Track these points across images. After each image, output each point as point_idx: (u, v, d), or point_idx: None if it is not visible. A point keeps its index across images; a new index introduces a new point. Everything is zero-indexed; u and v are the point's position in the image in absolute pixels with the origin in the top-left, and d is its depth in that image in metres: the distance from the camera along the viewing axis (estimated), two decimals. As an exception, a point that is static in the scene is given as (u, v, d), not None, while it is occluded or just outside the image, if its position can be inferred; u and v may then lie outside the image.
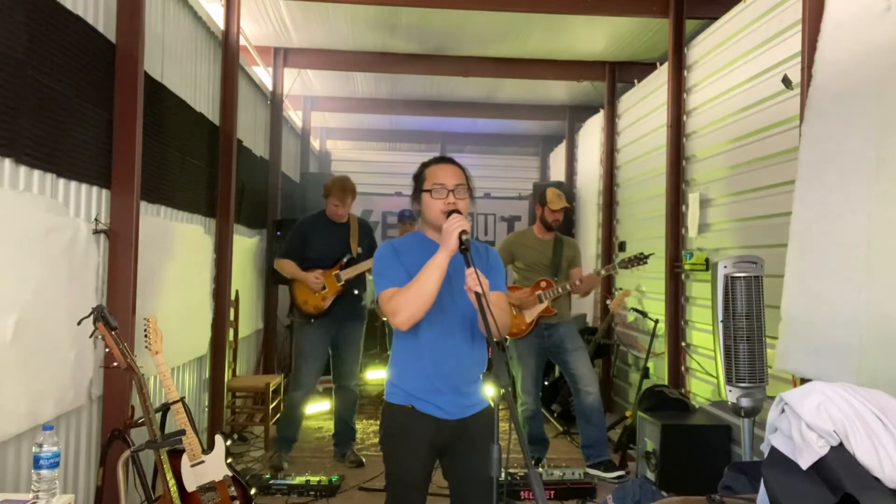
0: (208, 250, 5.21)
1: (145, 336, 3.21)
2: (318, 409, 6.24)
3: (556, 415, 6.23)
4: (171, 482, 3.03)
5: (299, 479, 4.35)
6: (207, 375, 5.27)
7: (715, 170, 5.16)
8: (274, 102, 7.50)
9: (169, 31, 4.33)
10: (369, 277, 5.08)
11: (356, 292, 4.94)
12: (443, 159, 2.53)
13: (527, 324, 4.82)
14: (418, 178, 2.51)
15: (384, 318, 6.85)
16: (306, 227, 5.03)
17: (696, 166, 5.51)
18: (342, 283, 4.85)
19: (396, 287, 2.37)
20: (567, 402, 6.06)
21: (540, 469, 4.46)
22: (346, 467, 4.90)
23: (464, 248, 2.23)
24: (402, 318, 2.33)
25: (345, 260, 4.89)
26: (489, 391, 2.56)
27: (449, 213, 2.33)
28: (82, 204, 3.27)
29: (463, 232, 2.25)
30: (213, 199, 5.26)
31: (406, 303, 2.31)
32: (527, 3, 5.58)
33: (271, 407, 5.50)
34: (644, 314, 6.01)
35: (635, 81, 6.99)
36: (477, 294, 2.14)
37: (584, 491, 4.39)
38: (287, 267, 4.90)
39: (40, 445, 2.21)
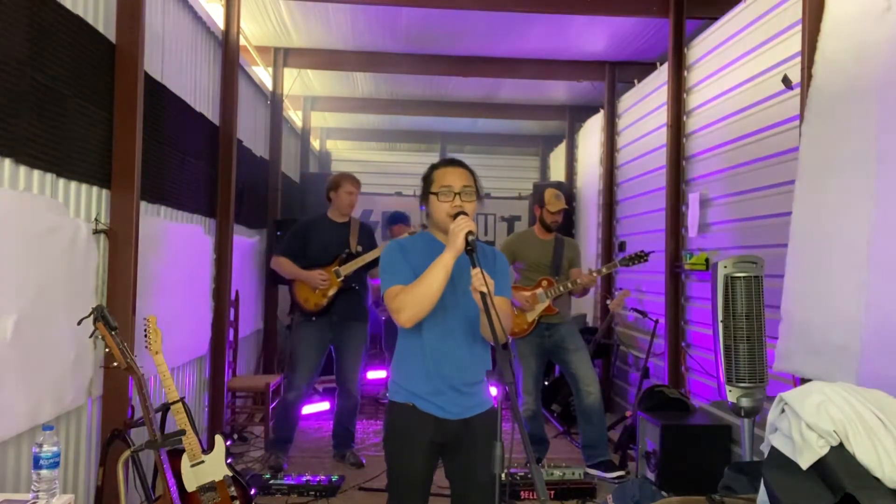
0: (208, 250, 5.21)
1: (145, 336, 3.20)
2: (317, 409, 6.24)
3: (556, 415, 6.22)
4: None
5: (299, 479, 4.35)
6: (207, 375, 5.27)
7: (715, 170, 5.16)
8: (274, 102, 7.50)
9: (169, 31, 4.33)
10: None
11: (355, 287, 4.91)
12: (451, 162, 2.54)
13: (528, 323, 4.82)
14: (426, 179, 2.52)
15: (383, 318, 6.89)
16: (307, 226, 5.01)
17: (696, 166, 5.51)
18: (342, 278, 4.82)
19: (402, 285, 2.38)
20: (567, 402, 6.05)
21: (540, 469, 4.46)
22: (346, 467, 4.90)
23: (469, 248, 2.25)
24: (406, 316, 2.35)
25: (343, 255, 4.86)
26: (493, 391, 2.56)
27: (455, 215, 2.34)
28: (82, 204, 3.27)
29: (469, 233, 2.26)
30: (213, 199, 5.26)
31: (410, 301, 2.33)
32: (527, 3, 5.58)
33: (271, 407, 5.49)
34: (644, 314, 6.01)
35: (635, 81, 6.99)
36: (482, 294, 2.14)
37: (584, 491, 4.38)
38: (286, 266, 4.86)
39: (40, 445, 2.21)
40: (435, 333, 2.43)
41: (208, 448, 3.25)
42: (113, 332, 2.91)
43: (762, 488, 2.38)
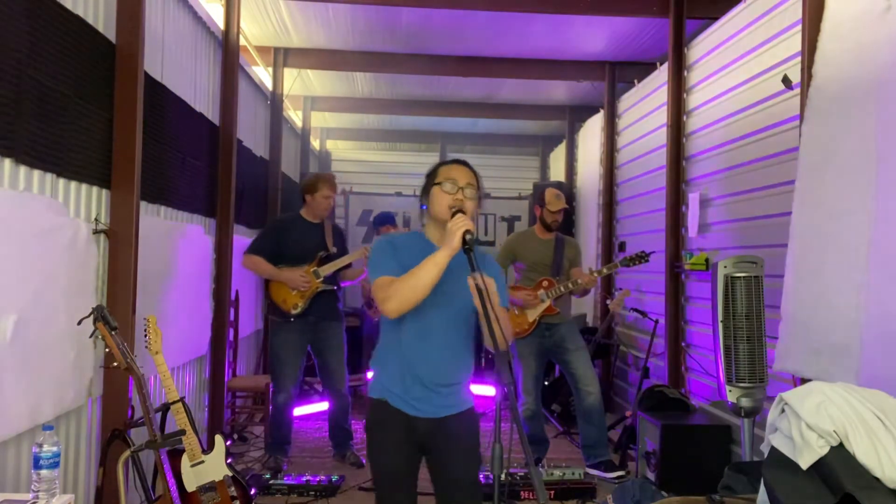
0: (208, 250, 5.21)
1: (145, 336, 3.20)
2: (317, 409, 6.23)
3: (556, 415, 6.22)
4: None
5: (299, 479, 4.35)
6: (207, 375, 5.27)
7: (715, 170, 5.16)
8: (274, 102, 7.50)
9: (169, 31, 4.33)
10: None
11: (334, 288, 4.90)
12: (457, 161, 2.55)
13: (529, 323, 4.82)
14: (431, 174, 2.52)
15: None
16: (282, 225, 4.99)
17: (696, 166, 5.51)
18: (321, 278, 4.80)
19: (392, 276, 2.37)
20: (567, 402, 6.05)
21: (540, 469, 4.46)
22: (346, 467, 4.90)
23: (467, 248, 2.23)
24: (393, 306, 2.33)
25: (322, 256, 4.84)
26: (473, 392, 2.56)
27: (454, 213, 2.32)
28: (82, 204, 3.27)
29: (467, 232, 2.25)
30: (213, 199, 5.26)
31: (399, 292, 2.31)
32: (527, 3, 5.58)
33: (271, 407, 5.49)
34: (644, 314, 6.01)
35: (635, 81, 6.99)
36: (479, 295, 2.13)
37: (584, 491, 4.38)
38: (262, 266, 4.80)
39: (40, 445, 2.21)
40: (413, 331, 2.42)
41: (208, 448, 3.24)
42: (113, 332, 2.91)
43: (762, 488, 2.38)
